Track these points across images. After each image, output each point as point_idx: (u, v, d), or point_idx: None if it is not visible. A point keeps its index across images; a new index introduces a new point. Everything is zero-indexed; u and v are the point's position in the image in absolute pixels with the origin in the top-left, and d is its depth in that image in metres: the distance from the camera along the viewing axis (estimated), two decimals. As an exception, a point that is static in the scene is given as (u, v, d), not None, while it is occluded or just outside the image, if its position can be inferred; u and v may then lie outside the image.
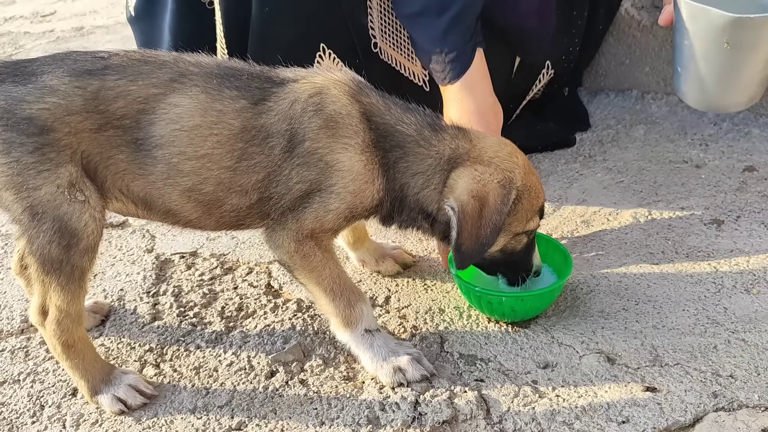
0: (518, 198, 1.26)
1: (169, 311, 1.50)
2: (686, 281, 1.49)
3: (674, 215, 1.71)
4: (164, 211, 1.26)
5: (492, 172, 1.24)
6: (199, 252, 1.69)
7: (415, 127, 1.26)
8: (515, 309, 1.37)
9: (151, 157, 1.19)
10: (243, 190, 1.21)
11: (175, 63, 1.21)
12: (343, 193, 1.22)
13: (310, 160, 1.20)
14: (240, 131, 1.19)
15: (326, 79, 1.24)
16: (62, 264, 1.17)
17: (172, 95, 1.17)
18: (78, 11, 3.85)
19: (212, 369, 1.34)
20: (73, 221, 1.16)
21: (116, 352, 1.40)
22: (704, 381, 1.23)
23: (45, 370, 1.36)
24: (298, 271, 1.26)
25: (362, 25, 1.66)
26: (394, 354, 1.28)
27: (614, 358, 1.31)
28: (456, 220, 1.22)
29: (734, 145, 1.97)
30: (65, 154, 1.15)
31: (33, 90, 1.15)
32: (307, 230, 1.23)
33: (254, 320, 1.46)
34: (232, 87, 1.20)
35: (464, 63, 1.56)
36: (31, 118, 1.14)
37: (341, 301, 1.27)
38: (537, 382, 1.27)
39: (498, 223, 1.23)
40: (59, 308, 1.20)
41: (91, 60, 1.19)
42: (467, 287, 1.39)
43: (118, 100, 1.16)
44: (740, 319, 1.37)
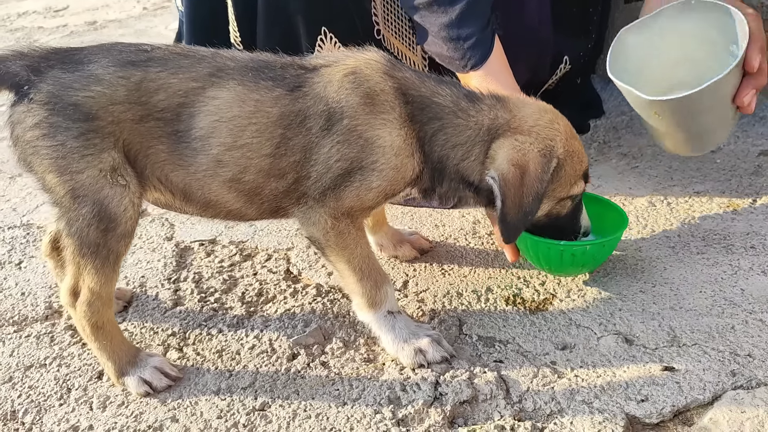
0: (560, 165, 1.26)
1: (191, 297, 1.52)
2: (703, 264, 1.50)
3: (690, 199, 1.72)
4: (204, 203, 1.28)
5: (532, 141, 1.24)
6: (218, 239, 1.71)
7: (452, 98, 1.27)
8: (596, 256, 1.41)
9: (191, 149, 1.21)
10: (281, 174, 1.23)
11: (213, 58, 1.24)
12: (386, 169, 1.23)
13: (350, 138, 1.21)
14: (278, 118, 1.21)
15: (357, 60, 1.25)
16: (99, 247, 1.20)
17: (210, 89, 1.20)
18: (90, 6, 3.88)
19: (234, 352, 1.36)
20: (113, 205, 1.19)
21: (139, 337, 1.42)
22: (722, 360, 1.24)
23: (70, 355, 1.38)
24: (331, 248, 1.27)
25: (365, 10, 1.66)
26: (415, 336, 1.30)
27: (632, 339, 1.32)
28: (498, 189, 1.23)
29: (749, 129, 1.97)
30: (109, 141, 1.18)
31: (80, 78, 1.17)
32: (346, 208, 1.24)
33: (274, 305, 1.48)
34: (267, 78, 1.22)
35: (485, 49, 1.55)
36: (77, 105, 1.16)
37: (368, 281, 1.29)
38: (555, 363, 1.28)
39: (540, 190, 1.24)
40: (92, 290, 1.22)
41: (135, 52, 1.21)
42: (547, 243, 1.38)
43: (159, 92, 1.19)
44: (757, 300, 1.38)
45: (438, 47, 1.58)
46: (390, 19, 1.68)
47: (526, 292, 1.47)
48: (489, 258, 1.59)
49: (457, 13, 1.53)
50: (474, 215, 1.74)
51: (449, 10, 1.53)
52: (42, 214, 1.89)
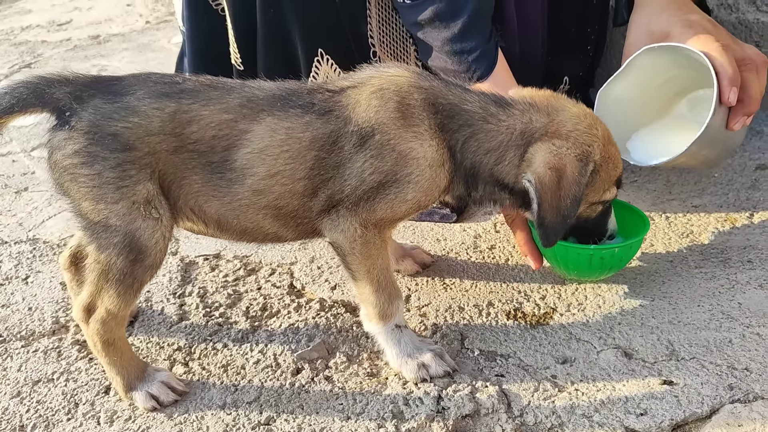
0: (596, 170, 1.28)
1: (196, 311, 1.54)
2: (701, 277, 1.52)
3: (688, 214, 1.74)
4: (240, 231, 1.31)
5: (570, 146, 1.25)
6: (222, 254, 1.74)
7: (480, 104, 1.28)
8: (622, 259, 1.45)
9: (225, 180, 1.23)
10: (314, 192, 1.25)
11: (241, 88, 1.26)
12: (421, 180, 1.25)
13: (382, 152, 1.23)
14: (310, 142, 1.23)
15: (383, 78, 1.27)
16: (125, 276, 1.22)
17: (242, 121, 1.22)
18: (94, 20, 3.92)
19: (240, 367, 1.38)
20: (145, 238, 1.21)
21: (146, 352, 1.44)
22: (720, 374, 1.26)
23: (78, 369, 1.40)
24: (354, 256, 1.28)
25: (361, 33, 1.69)
26: (419, 351, 1.32)
27: (631, 353, 1.34)
28: (534, 191, 1.24)
29: (746, 143, 2.00)
30: (145, 172, 1.20)
31: (119, 108, 1.19)
32: (377, 218, 1.26)
33: (278, 319, 1.50)
34: (295, 105, 1.24)
35: (490, 61, 1.58)
36: (116, 135, 1.18)
37: (383, 294, 1.31)
38: (556, 376, 1.30)
39: (578, 194, 1.25)
40: (109, 311, 1.24)
41: (169, 83, 1.24)
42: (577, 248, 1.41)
43: (192, 124, 1.21)
44: (754, 313, 1.40)
45: (442, 62, 1.61)
46: (386, 40, 1.71)
47: (526, 306, 1.49)
48: (490, 272, 1.61)
49: (459, 27, 1.56)
50: (475, 229, 1.77)
51: (451, 25, 1.56)
52: (48, 228, 1.91)
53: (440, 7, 1.55)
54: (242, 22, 1.72)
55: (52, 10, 4.19)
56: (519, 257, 1.64)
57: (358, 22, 1.68)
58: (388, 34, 1.72)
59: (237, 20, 1.72)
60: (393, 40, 1.73)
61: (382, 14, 1.70)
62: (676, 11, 1.56)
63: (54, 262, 1.76)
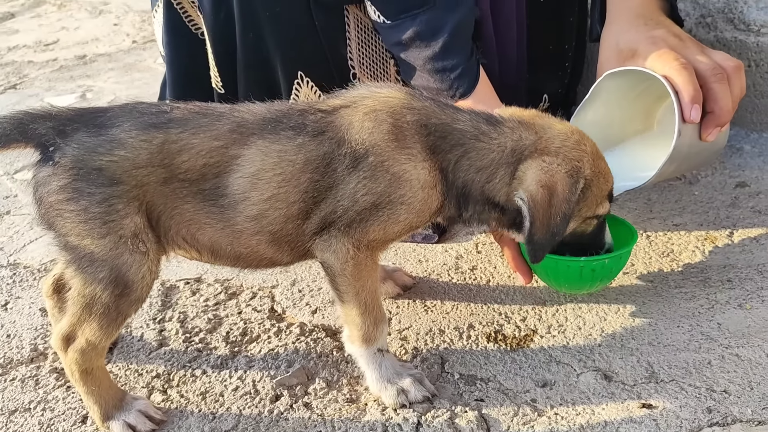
0: (587, 186, 1.28)
1: (176, 337, 1.53)
2: (680, 297, 1.52)
3: (668, 232, 1.75)
4: (235, 257, 1.29)
5: (560, 162, 1.25)
6: (203, 278, 1.73)
7: (471, 123, 1.28)
8: (612, 270, 1.45)
9: (218, 207, 1.22)
10: (308, 215, 1.24)
11: (230, 113, 1.25)
12: (414, 202, 1.24)
13: (376, 173, 1.22)
14: (304, 164, 1.22)
15: (375, 99, 1.27)
16: (109, 309, 1.21)
17: (233, 146, 1.21)
18: (80, 39, 3.91)
19: (218, 394, 1.37)
20: (132, 273, 1.19)
21: (124, 379, 1.43)
22: (699, 397, 1.26)
23: (55, 398, 1.39)
24: (344, 278, 1.27)
25: (341, 55, 1.69)
26: (399, 376, 1.31)
27: (611, 375, 1.34)
28: (527, 210, 1.24)
29: (726, 161, 2.01)
30: (132, 205, 1.19)
31: (104, 142, 1.18)
32: (370, 239, 1.26)
33: (258, 344, 1.49)
34: (286, 127, 1.23)
35: (472, 77, 1.58)
36: (101, 169, 1.17)
37: (370, 317, 1.30)
38: (536, 400, 1.30)
39: (567, 211, 1.26)
40: (89, 342, 1.23)
41: (156, 113, 1.22)
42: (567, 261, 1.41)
43: (182, 153, 1.20)
44: (734, 334, 1.40)
45: (425, 80, 1.62)
46: (366, 62, 1.71)
47: (507, 329, 1.49)
48: (471, 293, 1.61)
49: (440, 46, 1.56)
50: (457, 250, 1.77)
51: (432, 44, 1.57)
52: (29, 253, 1.90)
53: (421, 26, 1.56)
54: (222, 46, 1.72)
55: (39, 29, 4.18)
56: (500, 278, 1.64)
57: (337, 44, 1.69)
58: (368, 56, 1.73)
59: (217, 44, 1.72)
60: (373, 62, 1.73)
61: (362, 36, 1.70)
62: (642, 27, 1.56)
63: (34, 287, 1.75)
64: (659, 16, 1.61)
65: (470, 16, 1.60)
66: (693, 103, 1.41)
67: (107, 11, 4.31)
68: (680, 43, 1.52)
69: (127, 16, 4.17)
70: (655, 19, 1.59)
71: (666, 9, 1.65)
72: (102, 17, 4.27)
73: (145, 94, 2.96)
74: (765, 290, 1.51)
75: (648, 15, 1.59)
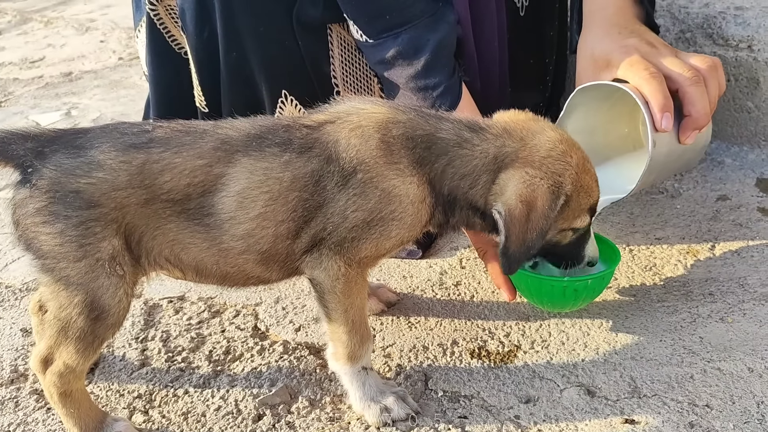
0: (567, 201, 1.27)
1: (158, 357, 1.52)
2: (663, 311, 1.53)
3: (651, 246, 1.76)
4: (221, 276, 1.28)
5: (543, 176, 1.24)
6: (186, 296, 1.72)
7: (454, 130, 1.28)
8: (595, 289, 1.46)
9: (203, 226, 1.21)
10: (297, 234, 1.23)
11: (214, 130, 1.23)
12: (405, 217, 1.24)
13: (365, 190, 1.21)
14: (291, 182, 1.21)
15: (360, 114, 1.26)
16: (86, 334, 1.20)
17: (217, 164, 1.20)
18: (67, 56, 3.91)
19: (200, 414, 1.36)
20: (107, 297, 1.18)
21: (105, 400, 1.42)
22: (681, 411, 1.26)
23: (35, 420, 1.37)
24: (334, 295, 1.26)
25: (324, 73, 1.69)
26: (382, 394, 1.31)
27: (594, 390, 1.34)
28: (503, 224, 1.24)
29: (708, 174, 2.03)
30: (111, 228, 1.17)
31: (82, 164, 1.17)
32: (361, 256, 1.25)
33: (241, 363, 1.49)
34: (272, 144, 1.22)
35: (455, 95, 1.59)
36: (79, 192, 1.16)
37: (356, 335, 1.29)
38: (519, 417, 1.29)
39: (544, 227, 1.25)
40: (67, 365, 1.22)
41: (137, 133, 1.21)
42: (551, 280, 1.42)
43: (165, 173, 1.18)
44: (715, 348, 1.41)
45: (408, 99, 1.62)
46: (349, 80, 1.72)
47: (490, 344, 1.48)
48: (455, 309, 1.61)
49: (422, 64, 1.57)
50: (441, 265, 1.77)
51: (415, 62, 1.58)
52: (11, 272, 1.88)
53: (403, 45, 1.57)
54: (206, 65, 1.72)
55: (26, 47, 4.17)
56: (484, 294, 1.65)
57: (320, 63, 1.69)
58: (352, 73, 1.74)
59: (200, 63, 1.72)
60: (356, 80, 1.74)
61: (345, 54, 1.71)
62: (616, 36, 1.56)
63: (16, 307, 1.73)
64: (634, 24, 1.61)
65: (452, 34, 1.61)
66: (662, 112, 1.41)
67: (94, 28, 4.31)
68: (653, 50, 1.52)
69: (113, 33, 4.17)
70: (629, 28, 1.59)
71: (642, 16, 1.66)
72: (89, 34, 4.26)
73: (130, 111, 2.96)
74: (746, 303, 1.52)
75: (622, 24, 1.60)
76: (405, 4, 1.56)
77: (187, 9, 1.67)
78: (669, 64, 1.49)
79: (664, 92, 1.44)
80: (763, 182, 1.96)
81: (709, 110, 1.49)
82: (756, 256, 1.66)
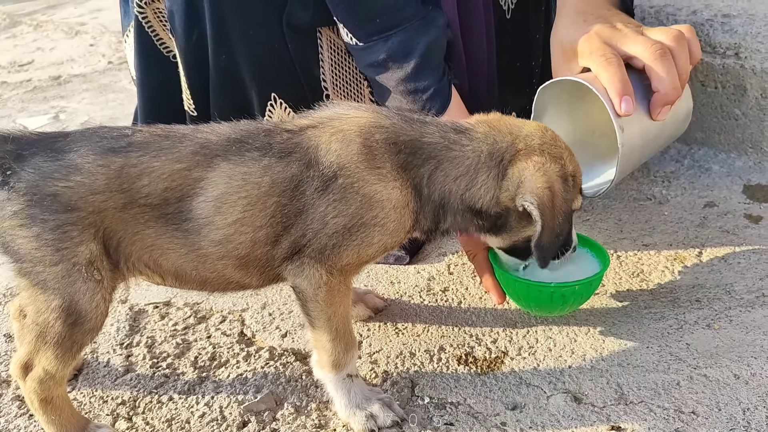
0: (573, 180, 1.28)
1: (143, 363, 1.51)
2: (650, 318, 1.53)
3: (639, 252, 1.76)
4: (201, 282, 1.27)
5: (549, 161, 1.25)
6: (172, 302, 1.71)
7: (440, 134, 1.27)
8: (583, 295, 1.44)
9: (181, 231, 1.20)
10: (277, 240, 1.22)
11: (193, 134, 1.22)
12: (387, 223, 1.23)
13: (346, 195, 1.20)
14: (270, 187, 1.20)
15: (342, 119, 1.26)
16: (63, 339, 1.18)
17: (196, 169, 1.19)
18: (55, 60, 3.89)
19: (184, 421, 1.34)
20: (85, 301, 1.17)
21: (88, 406, 1.40)
22: (667, 418, 1.26)
23: (17, 428, 1.35)
24: (317, 303, 1.25)
25: (314, 76, 1.69)
26: (367, 401, 1.30)
27: (581, 397, 1.33)
28: (538, 213, 1.23)
29: (695, 181, 2.03)
30: (88, 232, 1.16)
31: (60, 167, 1.16)
32: (343, 263, 1.24)
33: (227, 369, 1.47)
34: (252, 148, 1.21)
35: (444, 98, 1.58)
36: (56, 195, 1.15)
37: (340, 343, 1.28)
38: (506, 423, 1.29)
39: (566, 210, 1.25)
40: (46, 371, 1.21)
41: (116, 137, 1.20)
42: (538, 285, 1.41)
43: (143, 177, 1.17)
44: (702, 354, 1.41)
45: (398, 102, 1.62)
46: (339, 84, 1.71)
47: (477, 351, 1.48)
48: (443, 315, 1.60)
49: (412, 67, 1.57)
50: (429, 271, 1.76)
51: (404, 65, 1.57)
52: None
53: (393, 48, 1.57)
54: (194, 68, 1.72)
55: (14, 50, 4.16)
56: (472, 300, 1.64)
57: (310, 66, 1.69)
58: (341, 77, 1.73)
59: (189, 67, 1.71)
60: (346, 83, 1.74)
61: (335, 58, 1.71)
62: (581, 24, 1.54)
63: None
64: (601, 10, 1.58)
65: (442, 37, 1.61)
66: (620, 96, 1.40)
67: (83, 32, 4.29)
68: (615, 32, 1.49)
69: (103, 36, 4.15)
70: (596, 14, 1.56)
71: (614, 1, 1.64)
72: (78, 38, 4.25)
73: (119, 115, 2.95)
74: (733, 310, 1.52)
75: (588, 10, 1.57)
76: (395, 8, 1.56)
77: (176, 11, 1.67)
78: (632, 43, 1.47)
79: (619, 76, 1.42)
80: (750, 189, 1.97)
81: (678, 83, 1.46)
82: (743, 263, 1.67)
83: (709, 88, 2.06)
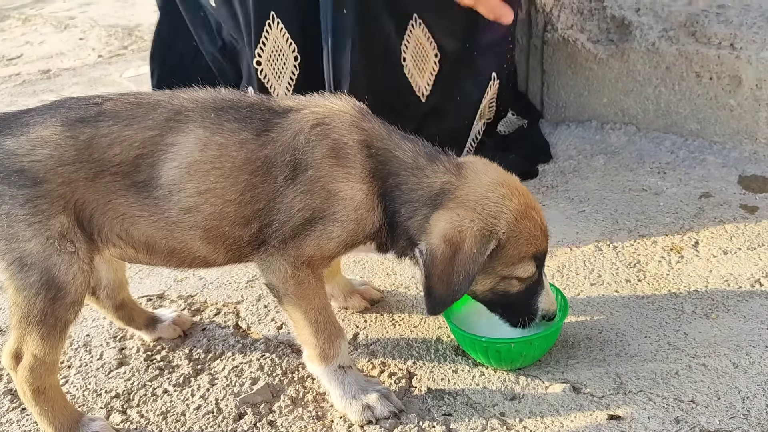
0: (501, 245, 1.22)
1: (136, 356, 1.49)
2: (648, 308, 1.52)
3: (635, 243, 1.75)
4: (168, 252, 1.25)
5: (473, 219, 1.20)
6: (166, 294, 1.69)
7: (412, 154, 1.26)
8: (524, 354, 1.34)
9: (152, 198, 1.18)
10: (246, 221, 1.21)
11: (169, 101, 1.21)
12: (346, 221, 1.22)
13: (313, 188, 1.20)
14: (243, 163, 1.19)
15: (327, 109, 1.25)
16: (46, 316, 1.17)
17: (168, 134, 1.17)
18: (45, 54, 3.84)
19: (180, 413, 1.33)
20: (61, 273, 1.16)
21: (82, 399, 1.38)
22: (666, 407, 1.25)
23: (9, 421, 1.33)
24: (289, 297, 1.25)
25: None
26: (364, 392, 1.29)
27: (579, 387, 1.33)
28: (423, 264, 1.21)
29: (691, 172, 2.03)
30: (58, 204, 1.15)
31: (25, 142, 1.15)
32: (306, 257, 1.23)
33: (222, 362, 1.46)
34: (231, 120, 1.20)
35: None
36: (23, 171, 1.14)
37: (322, 335, 1.27)
38: (504, 414, 1.28)
39: (471, 271, 1.20)
40: (35, 356, 1.19)
41: (85, 107, 1.19)
42: (472, 338, 1.35)
43: (114, 146, 1.16)
44: (700, 344, 1.40)
45: None
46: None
47: (475, 342, 1.47)
48: (440, 307, 1.59)
49: None
50: (425, 263, 1.75)
51: None
52: (-15, 271, 1.84)
53: None
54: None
55: (3, 44, 4.10)
56: (469, 291, 1.63)
57: None
58: None
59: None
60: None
61: None
62: None
63: (-11, 306, 1.69)
64: None
65: None
66: None
67: (73, 26, 4.25)
68: None
69: (93, 30, 4.11)
70: None
71: None
72: (67, 32, 4.20)
73: (110, 109, 2.92)
74: (730, 299, 1.52)
75: None
76: None
77: None
78: None
79: None
80: (745, 179, 1.97)
81: None
82: (740, 253, 1.67)
83: (704, 79, 2.05)
